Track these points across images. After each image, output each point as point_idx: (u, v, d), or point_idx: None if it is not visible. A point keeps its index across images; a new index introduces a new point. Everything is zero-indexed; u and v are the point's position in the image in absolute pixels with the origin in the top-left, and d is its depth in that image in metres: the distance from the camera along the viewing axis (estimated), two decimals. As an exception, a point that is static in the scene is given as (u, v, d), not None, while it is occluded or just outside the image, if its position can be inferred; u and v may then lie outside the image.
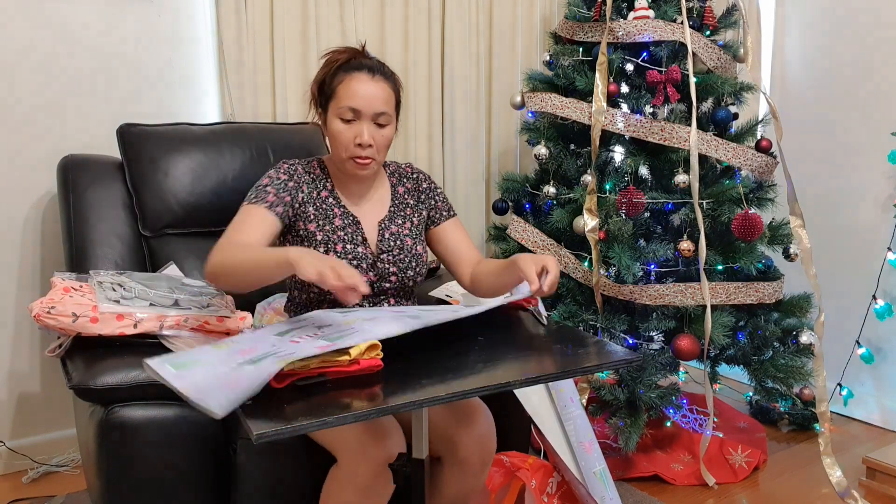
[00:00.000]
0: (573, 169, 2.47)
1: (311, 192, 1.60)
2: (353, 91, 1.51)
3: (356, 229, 1.60)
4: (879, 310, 2.67)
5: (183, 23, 2.39)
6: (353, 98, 1.50)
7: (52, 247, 2.26)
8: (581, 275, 2.33)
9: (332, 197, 1.62)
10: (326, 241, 1.56)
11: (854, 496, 2.14)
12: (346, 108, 1.51)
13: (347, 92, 1.51)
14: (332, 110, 1.54)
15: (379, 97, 1.52)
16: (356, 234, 1.59)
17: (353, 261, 1.56)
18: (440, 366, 1.20)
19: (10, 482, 2.22)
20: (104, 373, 1.47)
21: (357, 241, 1.59)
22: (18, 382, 2.28)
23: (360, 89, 1.51)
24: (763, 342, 2.36)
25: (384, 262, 1.59)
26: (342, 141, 1.53)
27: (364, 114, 1.51)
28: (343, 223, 1.60)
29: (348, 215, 1.61)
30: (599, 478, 1.89)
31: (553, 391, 1.96)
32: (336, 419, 1.01)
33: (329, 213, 1.60)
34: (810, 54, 2.97)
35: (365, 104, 1.51)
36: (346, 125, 1.52)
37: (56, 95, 2.22)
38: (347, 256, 1.56)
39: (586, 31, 2.47)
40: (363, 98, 1.51)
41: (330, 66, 1.56)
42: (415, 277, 1.64)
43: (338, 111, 1.52)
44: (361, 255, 1.58)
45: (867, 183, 2.79)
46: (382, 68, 1.56)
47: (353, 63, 1.54)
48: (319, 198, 1.61)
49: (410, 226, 1.66)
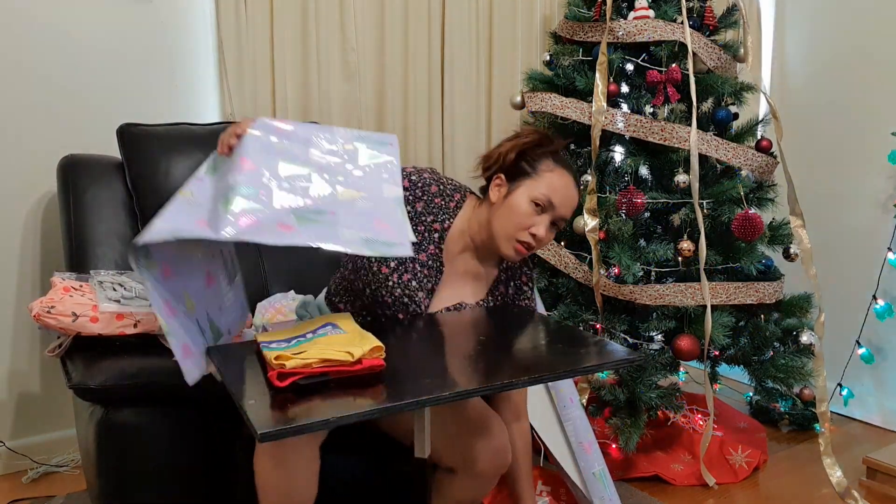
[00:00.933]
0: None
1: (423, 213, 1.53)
2: (559, 188, 1.49)
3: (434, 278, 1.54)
4: (879, 310, 2.67)
5: (183, 23, 2.38)
6: (556, 194, 1.48)
7: (52, 247, 2.25)
8: (581, 275, 2.33)
9: (439, 235, 1.55)
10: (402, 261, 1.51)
11: (854, 496, 2.14)
12: (545, 197, 1.48)
13: (554, 184, 1.49)
14: (526, 187, 1.49)
15: (572, 205, 1.52)
16: (429, 281, 1.53)
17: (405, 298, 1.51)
18: (440, 366, 1.20)
19: (9, 482, 2.21)
20: (104, 373, 1.47)
21: (424, 286, 1.53)
22: (18, 382, 2.28)
23: (565, 191, 1.50)
24: (763, 342, 2.36)
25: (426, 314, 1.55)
26: (520, 222, 1.48)
27: (554, 212, 1.50)
28: (427, 262, 1.53)
29: (438, 261, 1.54)
30: (599, 478, 1.89)
31: (553, 391, 1.96)
32: (338, 418, 1.01)
33: (424, 244, 1.53)
34: (810, 54, 2.97)
35: (561, 205, 1.50)
36: (533, 209, 1.48)
37: (56, 95, 2.21)
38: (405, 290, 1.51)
39: (586, 31, 2.47)
40: (563, 200, 1.49)
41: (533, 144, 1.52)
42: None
43: (534, 195, 1.48)
44: (417, 300, 1.52)
45: (867, 183, 2.79)
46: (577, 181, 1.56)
47: (562, 159, 1.53)
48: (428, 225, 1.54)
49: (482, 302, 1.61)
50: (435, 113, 2.82)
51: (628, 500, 2.14)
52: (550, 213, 1.49)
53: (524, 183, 1.50)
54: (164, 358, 1.54)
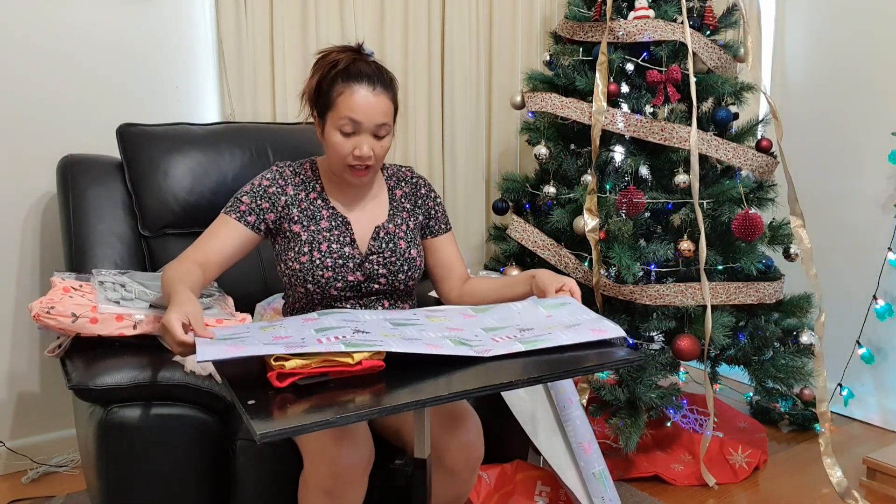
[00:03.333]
0: (573, 169, 2.47)
1: (296, 193, 1.60)
2: (354, 105, 1.48)
3: (345, 230, 1.60)
4: (880, 310, 2.67)
5: (183, 22, 2.38)
6: (354, 112, 1.48)
7: (51, 247, 2.25)
8: (581, 275, 2.33)
9: (320, 199, 1.62)
10: (311, 240, 1.56)
11: (854, 496, 2.14)
12: (346, 121, 1.49)
13: (348, 105, 1.48)
14: (330, 120, 1.52)
15: (379, 110, 1.50)
16: (344, 235, 1.59)
17: (339, 260, 1.56)
18: (440, 366, 1.19)
19: (9, 482, 2.21)
20: (103, 373, 1.47)
21: (344, 242, 1.58)
22: (18, 382, 2.28)
23: (361, 103, 1.48)
24: (763, 342, 2.36)
25: (373, 264, 1.59)
26: (340, 152, 1.52)
27: (364, 127, 1.50)
28: (330, 224, 1.59)
29: (337, 216, 1.61)
30: (599, 478, 1.89)
31: (552, 392, 1.96)
32: (338, 419, 1.00)
33: (316, 214, 1.60)
34: (810, 54, 2.97)
35: (366, 118, 1.49)
36: (344, 137, 1.51)
37: (56, 95, 2.21)
38: (333, 256, 1.56)
39: (586, 30, 2.47)
40: (364, 113, 1.49)
41: (326, 69, 1.53)
42: (406, 281, 1.63)
43: (337, 123, 1.50)
44: (348, 254, 1.57)
45: (867, 183, 2.79)
46: (381, 76, 1.53)
47: (352, 70, 1.50)
48: (307, 199, 1.61)
49: (406, 229, 1.66)
50: (435, 113, 2.82)
51: (628, 500, 2.14)
52: (365, 131, 1.50)
53: (328, 116, 1.52)
54: (163, 359, 1.54)
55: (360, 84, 1.49)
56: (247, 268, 2.05)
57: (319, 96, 1.54)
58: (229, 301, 1.79)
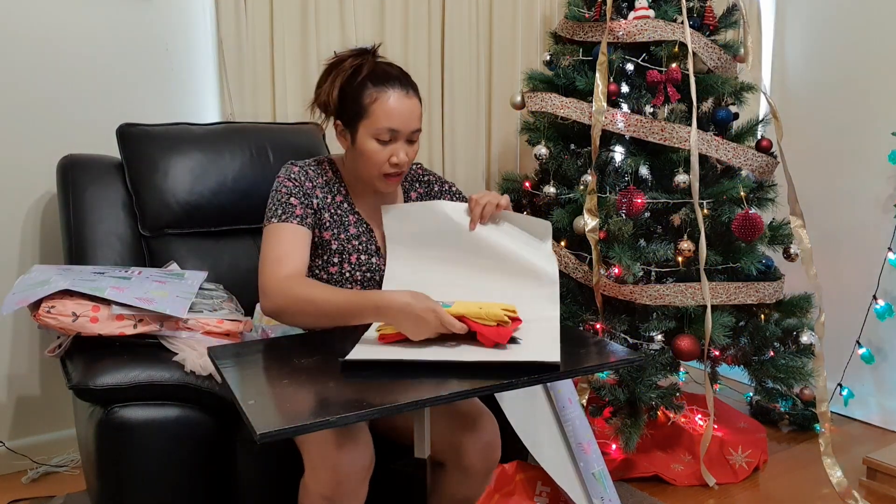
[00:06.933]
0: (573, 169, 2.46)
1: (325, 196, 1.55)
2: (391, 112, 1.43)
3: (369, 238, 1.57)
4: (880, 310, 2.67)
5: (183, 23, 2.38)
6: (391, 119, 1.43)
7: (51, 247, 2.25)
8: (581, 275, 2.33)
9: (346, 202, 1.57)
10: (341, 250, 1.53)
11: (854, 496, 2.14)
12: (384, 130, 1.44)
13: (385, 112, 1.43)
14: (364, 128, 1.46)
15: (415, 115, 1.47)
16: (370, 244, 1.56)
17: (367, 273, 1.54)
18: (440, 365, 1.19)
19: (9, 482, 2.21)
20: (103, 373, 1.47)
21: (371, 252, 1.56)
22: (18, 383, 2.28)
23: (398, 108, 1.44)
24: (763, 342, 2.36)
25: None
26: (377, 160, 1.47)
27: (402, 134, 1.46)
28: (357, 231, 1.56)
29: (362, 223, 1.57)
30: (599, 478, 1.89)
31: (551, 392, 1.96)
32: (338, 419, 1.00)
33: (344, 220, 1.55)
34: (810, 54, 2.97)
35: (404, 126, 1.45)
36: (381, 146, 1.46)
37: (56, 95, 2.21)
38: (361, 269, 1.54)
39: (586, 30, 2.47)
40: (402, 120, 1.44)
41: (349, 75, 1.47)
42: None
43: (374, 132, 1.44)
44: (375, 266, 1.55)
45: (867, 183, 2.79)
46: (408, 76, 1.50)
47: (380, 74, 1.46)
48: (334, 203, 1.56)
49: None
50: (435, 113, 2.82)
51: (628, 500, 2.14)
52: (402, 138, 1.47)
53: (360, 124, 1.46)
54: (164, 358, 1.54)
55: (393, 88, 1.45)
56: (247, 268, 2.05)
57: (346, 104, 1.48)
58: (236, 302, 1.79)
